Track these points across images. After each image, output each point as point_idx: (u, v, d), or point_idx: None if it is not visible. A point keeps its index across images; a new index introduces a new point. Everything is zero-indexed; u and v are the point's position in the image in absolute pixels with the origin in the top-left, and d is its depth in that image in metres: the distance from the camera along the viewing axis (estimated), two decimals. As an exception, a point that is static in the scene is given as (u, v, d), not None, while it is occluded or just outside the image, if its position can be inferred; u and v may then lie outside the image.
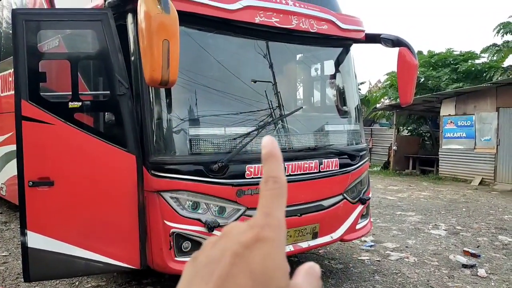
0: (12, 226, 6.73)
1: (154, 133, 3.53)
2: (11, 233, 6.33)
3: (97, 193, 3.50)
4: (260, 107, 3.93)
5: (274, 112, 4.00)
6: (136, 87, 3.55)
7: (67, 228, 3.47)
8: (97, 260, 3.49)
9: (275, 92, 4.06)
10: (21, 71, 3.40)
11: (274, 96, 4.05)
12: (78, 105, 3.45)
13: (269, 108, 4.00)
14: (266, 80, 4.04)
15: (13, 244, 5.76)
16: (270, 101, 4.00)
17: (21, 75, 3.40)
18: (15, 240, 5.93)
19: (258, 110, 3.92)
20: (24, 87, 3.39)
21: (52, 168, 3.43)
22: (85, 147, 3.48)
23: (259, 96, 3.95)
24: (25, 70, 3.38)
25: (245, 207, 3.67)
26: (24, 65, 3.38)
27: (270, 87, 4.04)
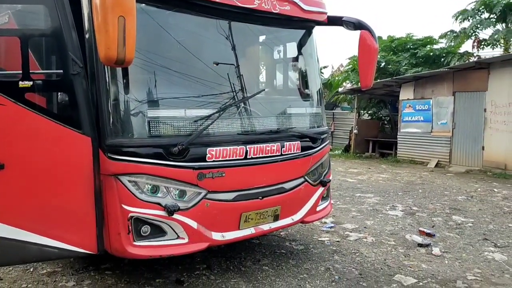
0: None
1: (111, 114, 3.40)
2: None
3: (50, 177, 3.35)
4: (221, 89, 3.86)
5: (236, 94, 3.94)
6: (91, 67, 3.40)
7: (18, 213, 3.31)
8: (51, 245, 3.36)
9: (237, 74, 3.99)
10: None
11: (236, 78, 3.98)
12: (29, 84, 3.26)
13: (231, 90, 3.93)
14: (227, 62, 3.96)
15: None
16: (232, 83, 3.93)
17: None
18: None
19: (219, 93, 3.85)
20: (-32, 65, 3.18)
21: (2, 151, 3.24)
22: (38, 128, 3.31)
23: (220, 78, 3.88)
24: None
25: (206, 191, 3.63)
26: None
27: (232, 69, 3.97)
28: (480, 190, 9.01)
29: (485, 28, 16.13)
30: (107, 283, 4.03)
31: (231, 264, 4.51)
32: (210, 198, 3.66)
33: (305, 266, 4.50)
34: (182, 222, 3.52)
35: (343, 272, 4.37)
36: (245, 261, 4.61)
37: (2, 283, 3.99)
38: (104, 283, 4.04)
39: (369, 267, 4.51)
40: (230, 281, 4.10)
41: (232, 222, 3.83)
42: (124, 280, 4.09)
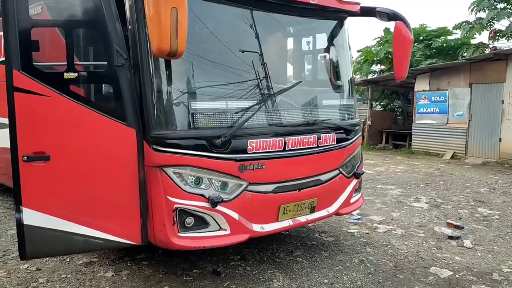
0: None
1: (155, 106, 3.40)
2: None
3: (95, 169, 3.37)
4: (260, 81, 3.84)
5: (274, 86, 3.93)
6: (134, 58, 3.39)
7: (64, 205, 3.34)
8: (96, 236, 3.39)
9: (275, 66, 3.99)
10: (11, 39, 3.17)
11: (274, 70, 3.98)
12: (74, 76, 3.27)
13: (269, 82, 3.92)
14: (266, 54, 3.93)
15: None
16: (271, 75, 3.92)
17: (12, 43, 3.17)
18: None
19: (258, 85, 3.84)
20: (15, 56, 3.16)
21: (47, 142, 3.26)
22: (83, 120, 3.32)
23: (260, 71, 3.86)
24: (16, 38, 3.15)
25: (247, 182, 3.64)
26: (14, 32, 3.15)
27: (270, 61, 3.95)
28: (501, 182, 8.98)
29: (502, 19, 15.92)
30: (145, 274, 4.06)
31: (264, 255, 4.53)
32: (250, 190, 3.67)
33: (338, 258, 4.51)
34: (225, 213, 3.54)
35: (377, 264, 4.38)
36: (278, 252, 4.63)
37: (41, 273, 4.03)
38: (142, 273, 4.07)
39: (403, 260, 4.51)
40: (266, 272, 4.12)
41: (271, 214, 3.84)
42: (161, 270, 4.12)
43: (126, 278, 3.95)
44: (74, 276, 3.97)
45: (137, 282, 3.88)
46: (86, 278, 3.94)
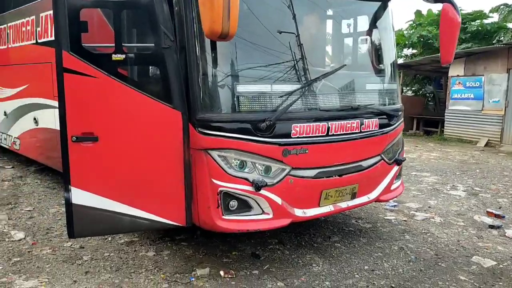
0: (28, 180, 6.66)
1: (201, 89, 3.40)
2: (29, 187, 6.26)
3: (142, 150, 3.40)
4: (305, 65, 3.78)
5: (318, 70, 3.87)
6: (181, 40, 3.38)
7: (112, 185, 3.39)
8: (142, 217, 3.44)
9: (320, 49, 3.92)
10: (61, 20, 3.19)
11: (319, 54, 3.92)
12: (121, 57, 3.28)
13: (314, 65, 3.85)
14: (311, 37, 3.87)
15: (34, 199, 5.71)
16: (314, 58, 3.86)
17: (62, 24, 3.19)
18: (35, 195, 5.88)
19: (303, 68, 3.77)
20: (65, 37, 3.20)
21: (96, 123, 3.31)
22: (130, 102, 3.34)
23: (304, 54, 3.78)
24: (65, 19, 3.18)
25: (290, 167, 3.61)
26: (64, 13, 3.18)
27: (315, 44, 3.90)
28: (540, 171, 8.70)
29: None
30: (185, 254, 4.12)
31: (302, 240, 4.53)
32: (293, 174, 3.65)
33: (377, 245, 4.47)
34: (268, 197, 3.53)
35: (418, 252, 4.32)
36: (315, 237, 4.62)
37: (85, 251, 4.14)
38: (182, 253, 4.13)
39: (443, 248, 4.44)
40: (305, 257, 4.12)
41: (313, 199, 3.82)
42: (201, 251, 4.17)
43: (168, 258, 4.02)
44: (117, 255, 4.06)
45: (179, 262, 3.94)
46: (129, 257, 4.02)
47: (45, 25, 5.54)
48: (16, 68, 6.69)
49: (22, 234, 4.46)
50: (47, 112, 5.75)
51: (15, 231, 4.55)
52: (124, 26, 3.39)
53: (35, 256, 3.98)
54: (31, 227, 4.70)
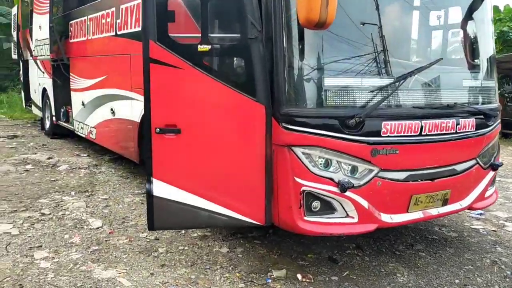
0: (103, 169, 6.85)
1: (287, 81, 3.22)
2: (104, 176, 6.43)
3: (223, 144, 3.30)
4: (397, 59, 3.50)
5: (411, 64, 3.57)
6: (267, 30, 3.22)
7: (192, 178, 3.32)
8: (221, 213, 3.34)
9: (412, 42, 3.61)
10: (149, 9, 3.15)
11: (411, 47, 3.61)
12: (207, 48, 3.19)
13: (406, 59, 3.57)
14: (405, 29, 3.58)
15: (110, 188, 5.84)
16: (407, 51, 3.56)
17: (149, 14, 3.15)
18: (110, 184, 6.02)
19: (395, 62, 3.49)
20: (152, 27, 3.15)
21: (179, 115, 3.24)
22: (213, 94, 3.25)
23: (396, 47, 3.52)
24: (153, 8, 3.13)
25: (379, 168, 3.35)
26: (152, 3, 3.13)
27: (407, 37, 3.60)
28: None
29: None
30: (259, 253, 3.98)
31: (381, 246, 4.25)
32: (381, 176, 3.38)
33: (466, 256, 4.09)
34: (354, 200, 3.30)
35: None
36: (396, 244, 4.31)
37: (160, 243, 4.12)
38: (256, 252, 4.00)
39: (544, 265, 3.97)
40: (387, 265, 3.84)
41: (401, 204, 3.53)
42: (275, 251, 4.01)
43: (242, 256, 3.90)
44: (191, 249, 4.00)
45: (253, 261, 3.81)
46: (203, 252, 3.95)
47: (124, 17, 5.62)
48: (95, 59, 6.90)
49: (100, 222, 4.54)
50: (124, 103, 5.86)
51: (93, 219, 4.64)
52: (210, 16, 3.28)
53: (113, 245, 4.02)
54: (107, 215, 4.79)
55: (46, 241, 4.03)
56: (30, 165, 6.73)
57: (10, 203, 4.91)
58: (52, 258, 3.69)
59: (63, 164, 6.78)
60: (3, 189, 5.44)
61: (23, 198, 5.12)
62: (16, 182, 5.77)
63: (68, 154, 7.92)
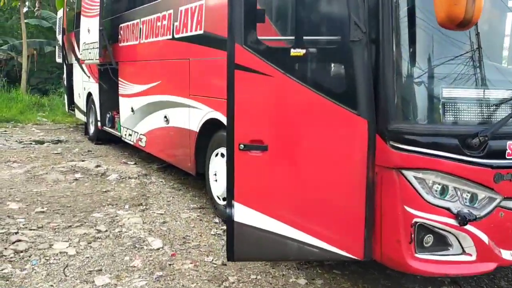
0: (153, 179, 6.50)
1: (397, 92, 2.73)
2: (156, 187, 6.08)
3: (315, 163, 2.84)
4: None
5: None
6: (372, 31, 2.74)
7: (279, 203, 2.88)
8: (312, 244, 2.88)
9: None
10: (236, 8, 2.73)
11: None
12: (301, 53, 2.74)
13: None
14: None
15: (163, 201, 5.47)
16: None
17: (236, 14, 2.73)
18: (163, 196, 5.66)
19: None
20: (239, 29, 2.73)
21: (266, 130, 2.81)
22: (307, 105, 2.79)
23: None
24: (241, 7, 2.71)
25: (502, 196, 2.81)
26: (240, 1, 2.71)
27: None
28: None
29: None
30: (342, 286, 3.49)
31: (481, 282, 3.67)
32: (504, 206, 2.84)
33: None
34: (473, 234, 2.77)
35: None
36: (497, 279, 3.74)
37: (228, 269, 3.69)
38: (338, 285, 3.50)
39: None
40: (495, 307, 3.28)
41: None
42: (361, 285, 3.51)
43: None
44: (265, 279, 3.55)
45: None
46: (279, 283, 3.49)
47: (184, 19, 5.26)
48: (147, 64, 6.58)
49: (160, 242, 4.15)
50: (180, 111, 5.49)
51: (152, 237, 4.26)
52: (305, 16, 2.83)
53: (178, 271, 3.61)
54: (166, 233, 4.40)
55: (105, 264, 3.66)
56: (79, 173, 6.46)
57: (64, 217, 4.60)
58: (115, 286, 3.31)
59: (113, 173, 6.48)
60: (55, 200, 5.15)
61: (76, 212, 4.80)
62: (67, 193, 5.48)
63: (115, 161, 7.65)
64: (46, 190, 5.57)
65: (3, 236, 4.00)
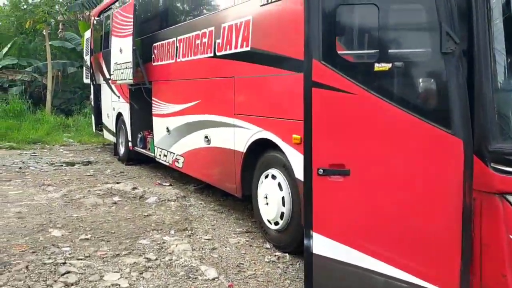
0: (192, 201, 6.27)
1: (497, 109, 2.47)
2: (197, 210, 5.83)
3: (404, 189, 2.58)
4: None
5: None
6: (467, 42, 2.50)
7: (364, 233, 2.62)
8: (400, 278, 2.60)
9: None
10: (313, 21, 2.52)
11: None
12: (387, 67, 2.50)
13: None
14: None
15: (207, 225, 5.22)
16: None
17: (313, 26, 2.52)
18: (206, 220, 5.41)
19: None
20: (316, 43, 2.52)
21: (348, 153, 2.57)
22: (394, 125, 2.55)
23: None
24: (319, 20, 2.49)
25: None
26: (318, 13, 2.49)
27: None
28: None
29: None
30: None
31: None
32: None
33: None
34: None
35: None
36: None
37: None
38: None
39: None
40: None
41: None
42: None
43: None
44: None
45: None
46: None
47: (227, 36, 5.09)
48: (185, 83, 6.41)
49: (214, 271, 3.89)
50: (224, 131, 5.29)
51: (205, 266, 4.00)
52: (389, 26, 2.60)
53: (240, 305, 3.35)
54: (218, 261, 4.14)
55: (162, 297, 3.42)
56: (117, 196, 6.27)
57: (110, 245, 4.39)
58: (177, 323, 3.06)
59: (151, 196, 6.27)
60: (97, 226, 4.95)
61: (122, 238, 4.59)
62: (108, 218, 5.28)
63: (150, 183, 7.47)
64: (86, 215, 5.38)
65: (50, 267, 3.79)
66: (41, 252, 4.10)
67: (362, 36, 2.69)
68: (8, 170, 8.48)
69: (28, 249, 4.17)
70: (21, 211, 5.51)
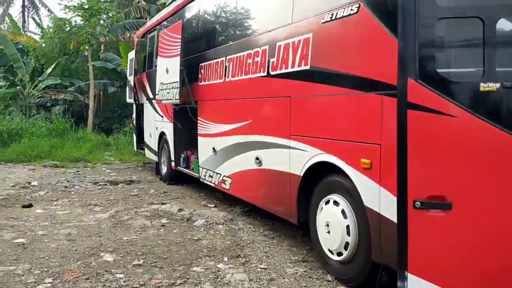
0: (240, 224, 6.03)
1: None
2: (247, 235, 5.58)
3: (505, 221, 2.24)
4: None
5: None
6: None
7: (469, 276, 2.29)
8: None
9: None
10: (408, 36, 2.27)
11: None
12: (494, 87, 2.23)
13: None
14: None
15: (260, 252, 4.95)
16: None
17: (409, 42, 2.27)
18: (258, 246, 5.14)
19: None
20: (412, 61, 2.26)
21: (449, 183, 2.28)
22: (503, 152, 2.24)
23: None
24: (415, 34, 2.24)
25: None
26: (413, 27, 2.25)
27: None
28: None
29: None
30: None
31: None
32: None
33: None
34: None
35: None
36: None
37: None
38: None
39: None
40: None
41: None
42: None
43: None
44: None
45: None
46: None
47: (283, 55, 4.89)
48: (234, 103, 6.25)
49: (276, 305, 3.62)
50: (277, 152, 5.06)
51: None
52: (497, 42, 2.32)
53: None
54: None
55: (225, 334, 3.16)
56: (164, 218, 6.11)
57: (163, 272, 4.18)
58: None
59: (199, 218, 6.07)
60: (149, 250, 4.77)
61: (175, 265, 4.38)
62: (159, 241, 5.10)
63: (195, 204, 7.30)
64: (136, 238, 5.22)
65: (106, 296, 3.61)
66: (95, 279, 3.93)
67: (465, 52, 2.43)
68: (54, 189, 8.51)
69: (82, 275, 4.01)
70: (70, 232, 5.41)
